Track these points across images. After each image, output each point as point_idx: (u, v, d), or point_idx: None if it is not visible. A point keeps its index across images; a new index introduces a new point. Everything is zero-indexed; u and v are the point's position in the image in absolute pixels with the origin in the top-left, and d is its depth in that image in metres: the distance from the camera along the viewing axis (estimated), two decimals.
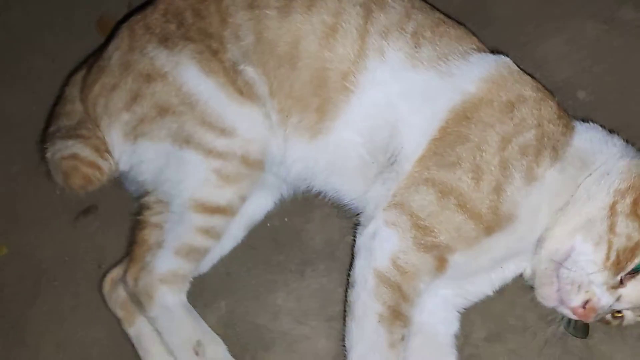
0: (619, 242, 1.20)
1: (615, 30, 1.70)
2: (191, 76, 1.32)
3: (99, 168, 1.39)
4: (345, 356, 1.27)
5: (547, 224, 1.27)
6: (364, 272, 1.25)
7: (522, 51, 1.70)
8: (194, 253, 1.37)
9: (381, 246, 1.24)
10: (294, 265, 1.52)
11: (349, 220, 1.47)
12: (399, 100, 1.29)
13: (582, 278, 1.21)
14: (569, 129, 1.29)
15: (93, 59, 1.50)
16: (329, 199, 1.45)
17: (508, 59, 1.34)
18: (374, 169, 1.32)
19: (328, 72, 1.30)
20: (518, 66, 1.35)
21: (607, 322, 1.29)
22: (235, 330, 1.47)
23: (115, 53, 1.42)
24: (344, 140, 1.32)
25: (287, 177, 1.43)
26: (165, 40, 1.36)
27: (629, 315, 1.27)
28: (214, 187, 1.33)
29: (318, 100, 1.31)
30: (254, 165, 1.34)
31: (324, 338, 1.44)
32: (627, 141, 1.36)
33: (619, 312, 1.27)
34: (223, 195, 1.33)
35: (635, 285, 1.21)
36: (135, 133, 1.36)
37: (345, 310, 1.30)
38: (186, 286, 1.40)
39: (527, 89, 1.29)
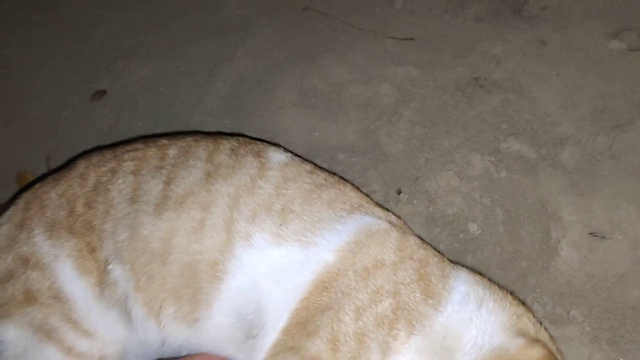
0: None
1: (501, 162, 1.76)
2: (66, 274, 1.36)
3: None
4: None
5: None
6: None
7: (415, 186, 1.77)
8: None
9: None
10: None
11: None
12: (263, 279, 1.30)
13: None
14: (432, 297, 1.23)
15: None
16: None
17: (371, 219, 1.33)
18: (248, 342, 1.33)
19: (198, 264, 1.31)
20: (390, 223, 1.33)
21: None
22: None
23: (7, 224, 1.45)
24: (219, 324, 1.33)
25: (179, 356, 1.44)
26: (51, 228, 1.39)
27: None
28: None
29: (191, 291, 1.32)
30: None
31: None
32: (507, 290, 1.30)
33: None
34: None
35: None
36: (0, 311, 1.37)
37: None
38: None
39: (387, 252, 1.27)
